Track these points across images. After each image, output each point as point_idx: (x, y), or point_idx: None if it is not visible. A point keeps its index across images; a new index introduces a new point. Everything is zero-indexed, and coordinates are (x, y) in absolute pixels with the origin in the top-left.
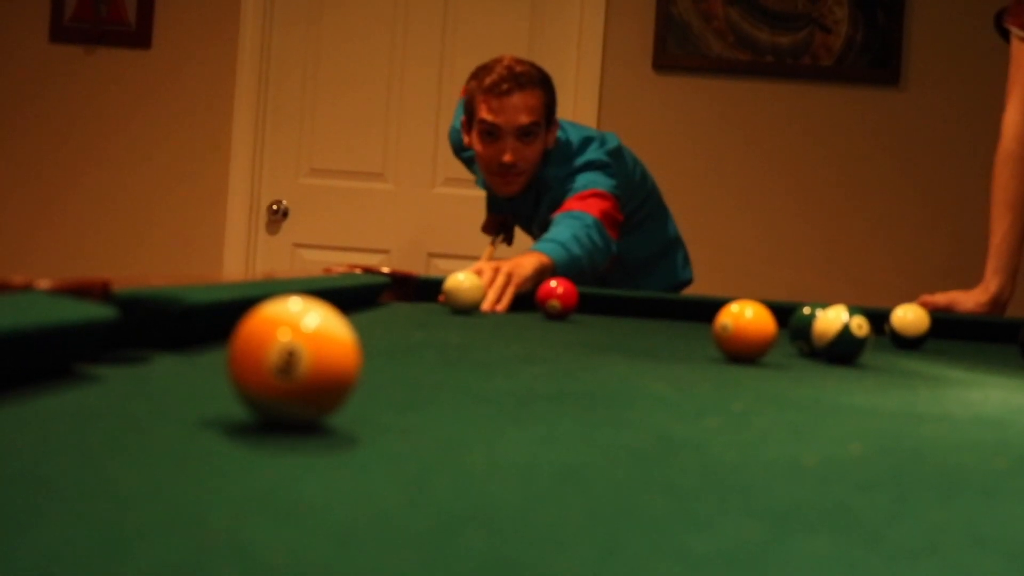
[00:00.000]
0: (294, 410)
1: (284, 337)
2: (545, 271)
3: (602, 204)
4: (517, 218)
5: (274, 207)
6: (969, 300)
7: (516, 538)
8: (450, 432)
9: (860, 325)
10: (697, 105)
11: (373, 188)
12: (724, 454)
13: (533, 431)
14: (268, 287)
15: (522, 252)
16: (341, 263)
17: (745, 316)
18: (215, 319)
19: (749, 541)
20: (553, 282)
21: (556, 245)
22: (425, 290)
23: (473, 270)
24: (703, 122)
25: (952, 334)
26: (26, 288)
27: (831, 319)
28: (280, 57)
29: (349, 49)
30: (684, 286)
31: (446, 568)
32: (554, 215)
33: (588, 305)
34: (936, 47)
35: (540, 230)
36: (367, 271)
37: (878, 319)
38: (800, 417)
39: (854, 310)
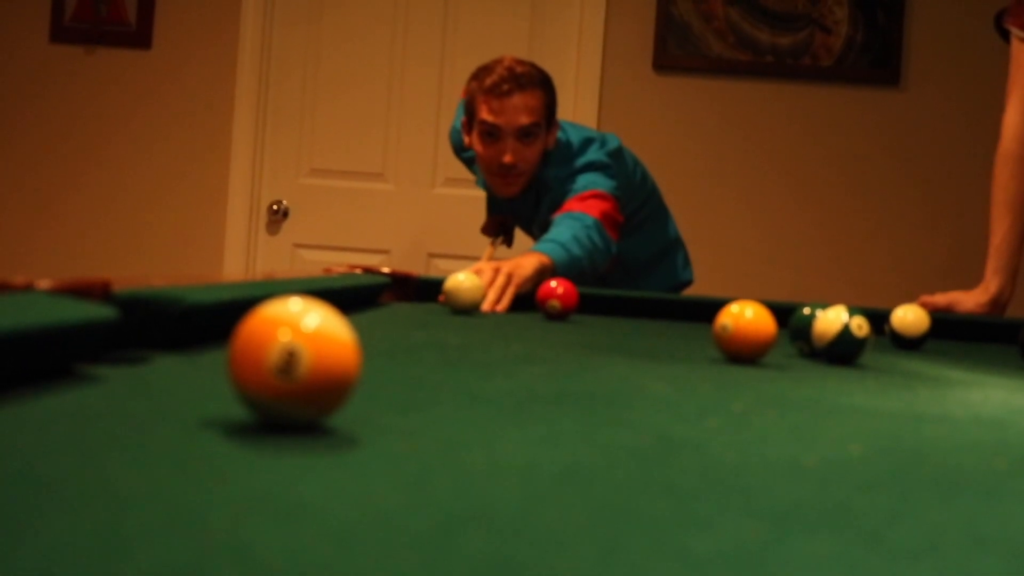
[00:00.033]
0: (294, 410)
1: (284, 337)
2: (545, 271)
3: (602, 205)
4: (517, 219)
5: (274, 207)
6: (969, 300)
7: (516, 538)
8: (450, 432)
9: (860, 325)
10: (697, 105)
11: (373, 188)
12: (724, 454)
13: (533, 431)
14: (268, 287)
15: (522, 253)
16: (341, 263)
17: (745, 316)
18: (215, 319)
19: (749, 541)
20: (553, 282)
21: (556, 246)
22: (425, 290)
23: (473, 270)
24: (703, 122)
25: (952, 334)
26: (26, 288)
27: (831, 319)
28: (280, 57)
29: (349, 49)
30: (684, 287)
31: (446, 568)
32: (554, 216)
33: (588, 305)
34: (936, 47)
35: (540, 231)
36: (367, 271)
37: (878, 319)
38: (800, 417)
39: (854, 310)
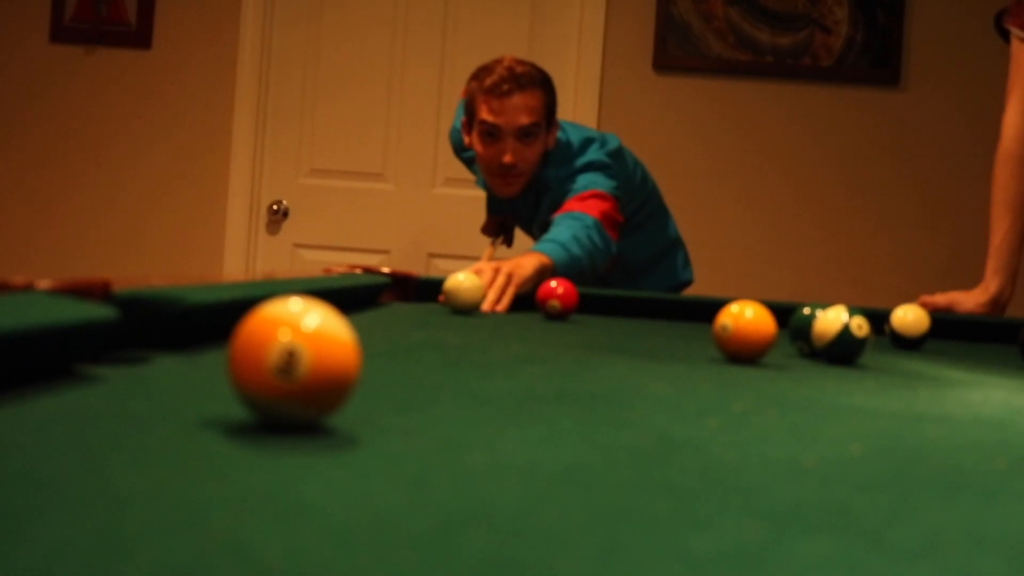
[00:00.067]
0: (294, 410)
1: (284, 337)
2: (545, 271)
3: (602, 205)
4: (517, 219)
5: (274, 207)
6: (969, 300)
7: (516, 538)
8: (450, 432)
9: (860, 325)
10: (697, 105)
11: (373, 188)
12: (724, 454)
13: (533, 431)
14: (268, 287)
15: (522, 253)
16: (341, 263)
17: (745, 316)
18: (215, 319)
19: (749, 541)
20: (553, 282)
21: (556, 245)
22: (425, 290)
23: (473, 270)
24: (703, 122)
25: (952, 334)
26: (26, 288)
27: (831, 319)
28: (280, 57)
29: (349, 49)
30: (684, 287)
31: (446, 569)
32: (554, 216)
33: (588, 305)
34: (936, 47)
35: (540, 231)
36: (367, 271)
37: (878, 319)
38: (800, 417)
39: (854, 310)
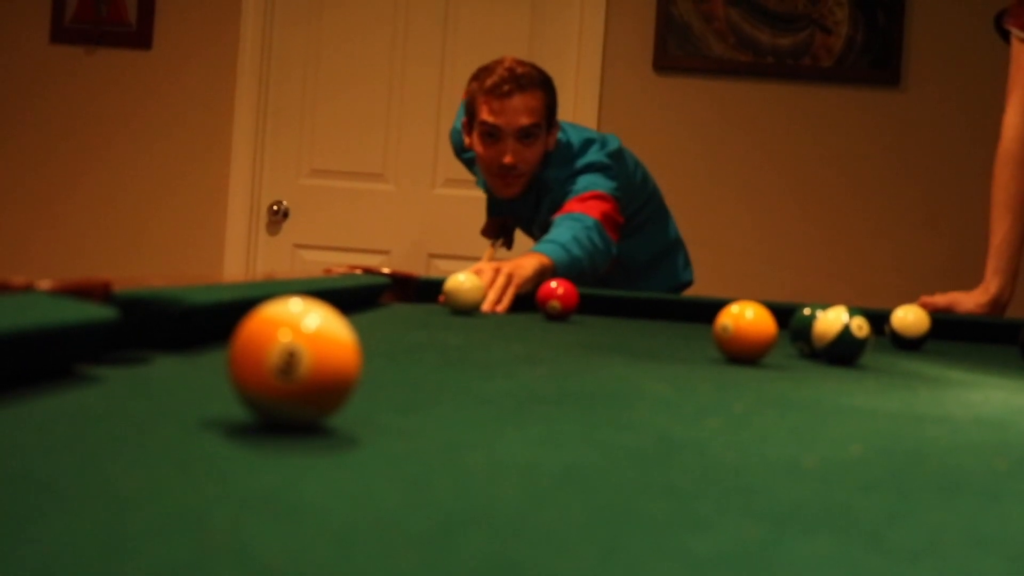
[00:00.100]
0: (294, 411)
1: (285, 338)
2: (545, 272)
3: (603, 206)
4: (517, 220)
5: (274, 208)
6: (969, 301)
7: (517, 539)
8: (450, 433)
9: (860, 326)
10: (698, 106)
11: (373, 189)
12: (724, 455)
13: (533, 432)
14: (268, 288)
15: (522, 254)
16: (341, 264)
17: (745, 317)
18: (215, 320)
19: (749, 542)
20: (553, 283)
21: (556, 246)
22: (425, 291)
23: (473, 271)
24: (704, 123)
25: (952, 335)
26: (27, 289)
27: (831, 320)
28: (280, 57)
29: (349, 49)
30: (685, 288)
31: (446, 569)
32: (554, 217)
33: (588, 306)
34: (936, 47)
35: (541, 232)
36: (367, 272)
37: (878, 320)
38: (800, 418)
39: (854, 311)
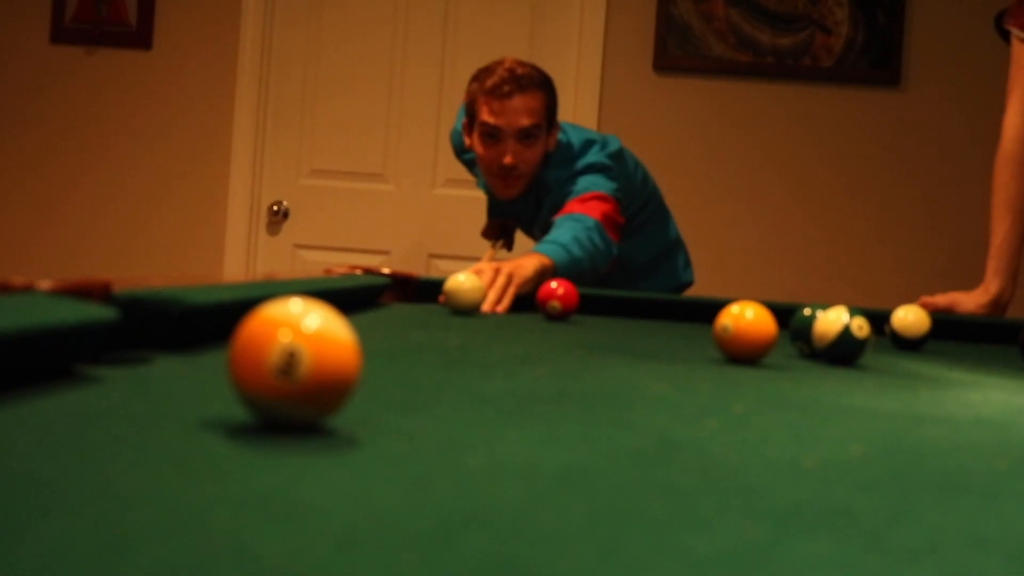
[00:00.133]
0: (295, 411)
1: (285, 338)
2: (546, 272)
3: (603, 207)
4: (518, 221)
5: (274, 208)
6: (970, 301)
7: (517, 539)
8: (450, 433)
9: (860, 326)
10: (698, 106)
11: (373, 189)
12: (725, 455)
13: (534, 432)
14: (269, 288)
15: (523, 254)
16: (341, 264)
17: (746, 317)
18: (216, 320)
19: (750, 542)
20: (554, 283)
21: (557, 247)
22: (425, 291)
23: (473, 271)
24: (704, 123)
25: (953, 335)
26: (27, 289)
27: (831, 320)
28: (280, 57)
29: (349, 49)
30: (685, 288)
31: (446, 569)
32: (555, 217)
33: (588, 306)
34: (936, 47)
35: (541, 232)
36: (367, 272)
37: (879, 320)
38: (801, 418)
39: (854, 311)
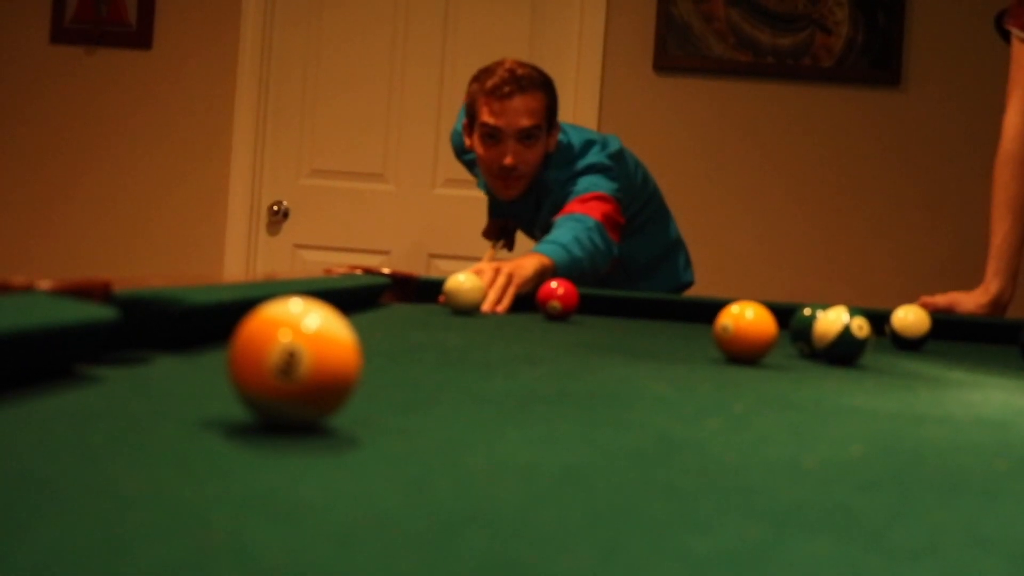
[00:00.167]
0: (294, 411)
1: (285, 338)
2: (546, 272)
3: (604, 207)
4: (518, 221)
5: (275, 208)
6: (970, 301)
7: (517, 539)
8: (450, 433)
9: (861, 326)
10: (698, 106)
11: (374, 189)
12: (725, 455)
13: (534, 432)
14: (269, 288)
15: (523, 254)
16: (342, 264)
17: (746, 317)
18: (216, 320)
19: (750, 542)
20: (554, 283)
21: (557, 247)
22: (426, 291)
23: (473, 271)
24: (704, 123)
25: (953, 335)
26: (27, 289)
27: (832, 320)
28: (280, 57)
29: (349, 49)
30: (685, 288)
31: (446, 569)
32: (555, 218)
33: (588, 306)
34: (936, 47)
35: (542, 233)
36: (368, 272)
37: (879, 320)
38: (801, 418)
39: (854, 311)
